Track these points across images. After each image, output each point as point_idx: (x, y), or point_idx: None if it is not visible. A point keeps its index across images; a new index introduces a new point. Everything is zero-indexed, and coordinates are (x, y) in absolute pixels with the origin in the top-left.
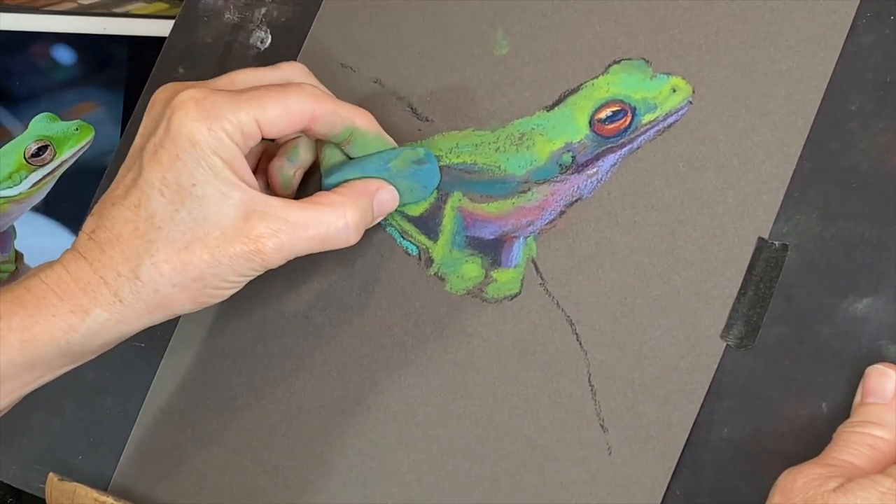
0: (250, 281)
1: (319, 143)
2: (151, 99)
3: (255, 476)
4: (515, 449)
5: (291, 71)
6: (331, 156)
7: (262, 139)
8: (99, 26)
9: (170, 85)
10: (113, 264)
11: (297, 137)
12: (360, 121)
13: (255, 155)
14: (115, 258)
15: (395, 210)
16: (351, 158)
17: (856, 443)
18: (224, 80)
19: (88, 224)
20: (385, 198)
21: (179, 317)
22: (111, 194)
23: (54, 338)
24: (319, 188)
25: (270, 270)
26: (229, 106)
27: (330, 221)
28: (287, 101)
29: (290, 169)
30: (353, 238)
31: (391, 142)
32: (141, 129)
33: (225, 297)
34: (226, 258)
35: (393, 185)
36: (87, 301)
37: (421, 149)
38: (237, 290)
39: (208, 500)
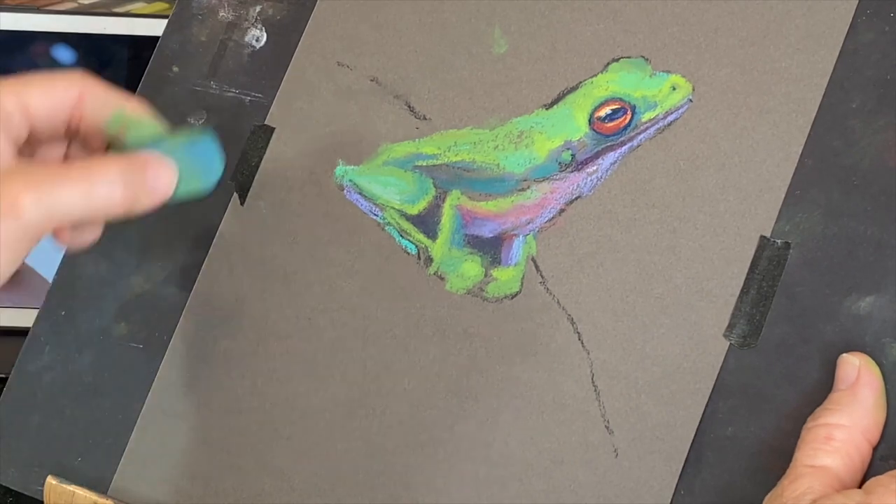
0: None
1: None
2: None
3: (259, 479)
4: (522, 452)
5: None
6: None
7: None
8: (99, 26)
9: None
10: None
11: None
12: (130, 104)
13: None
14: None
15: (394, 209)
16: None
17: (812, 440)
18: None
19: None
20: (158, 168)
21: (179, 320)
22: None
23: None
24: None
25: (270, 268)
26: None
27: (94, 172)
28: (51, 81)
29: None
30: (118, 194)
31: (165, 128)
32: None
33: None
34: None
35: None
36: None
37: (199, 130)
38: (7, 264)
39: None
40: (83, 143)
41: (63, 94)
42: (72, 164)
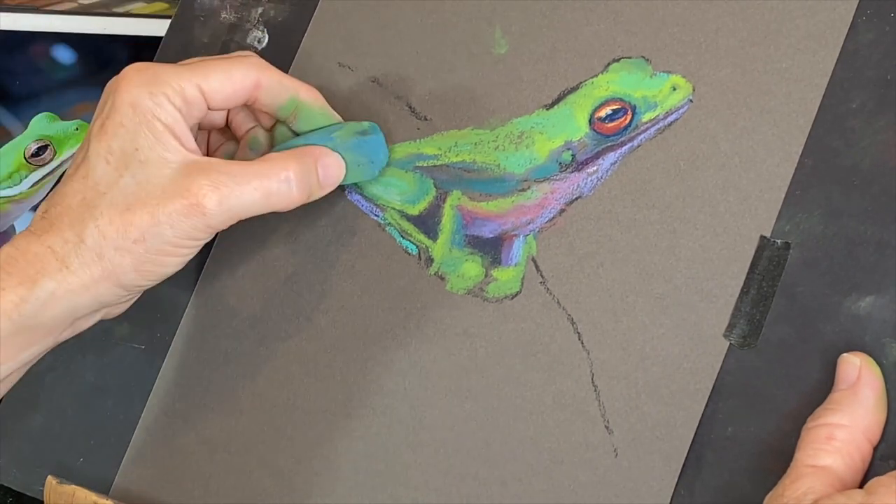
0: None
1: (272, 129)
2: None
3: (260, 479)
4: (522, 451)
5: (240, 54)
6: (280, 135)
7: (210, 110)
8: (99, 26)
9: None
10: (60, 233)
11: (255, 127)
12: (305, 93)
13: (203, 144)
14: (62, 228)
15: (395, 209)
16: (298, 135)
17: (813, 440)
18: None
19: (42, 206)
20: (329, 162)
21: (180, 321)
22: (65, 176)
23: (6, 311)
24: None
25: (271, 269)
26: (171, 73)
27: (271, 173)
28: (230, 68)
29: (253, 156)
30: (295, 193)
31: (337, 117)
32: (94, 116)
33: (173, 266)
34: (165, 215)
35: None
36: (35, 272)
37: (366, 122)
38: (184, 258)
39: None
40: (250, 113)
41: (241, 80)
42: (250, 165)
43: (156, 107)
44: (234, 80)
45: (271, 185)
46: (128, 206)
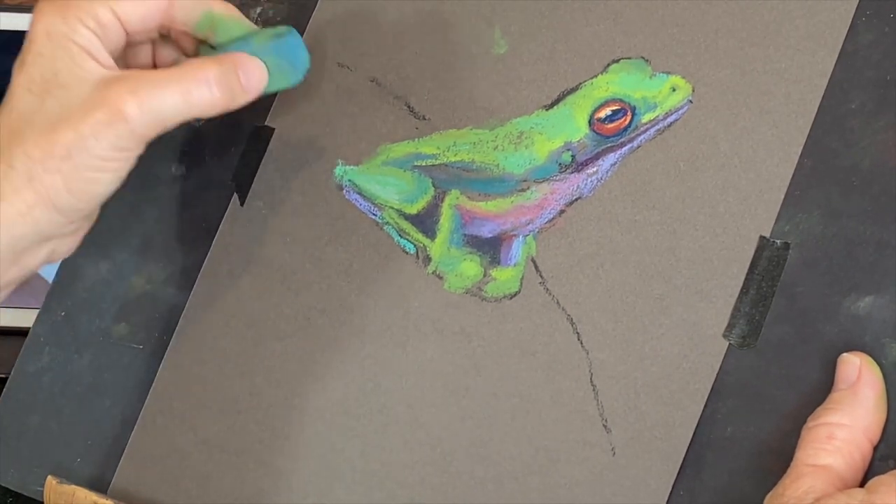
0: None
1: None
2: None
3: (258, 478)
4: (518, 450)
5: None
6: (203, 53)
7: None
8: None
9: None
10: None
11: (178, 56)
12: (218, 6)
13: None
14: None
15: (393, 208)
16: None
17: (814, 439)
18: None
19: None
20: (250, 67)
21: (178, 321)
22: None
23: None
24: None
25: (269, 269)
26: None
27: (190, 76)
28: None
29: None
30: (217, 95)
31: (254, 26)
32: None
33: (104, 185)
34: (88, 128)
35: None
36: None
37: (282, 27)
38: (115, 173)
39: (210, 503)
40: (173, 45)
41: (154, 0)
42: (169, 70)
43: (70, 31)
44: None
45: (191, 87)
46: (52, 127)
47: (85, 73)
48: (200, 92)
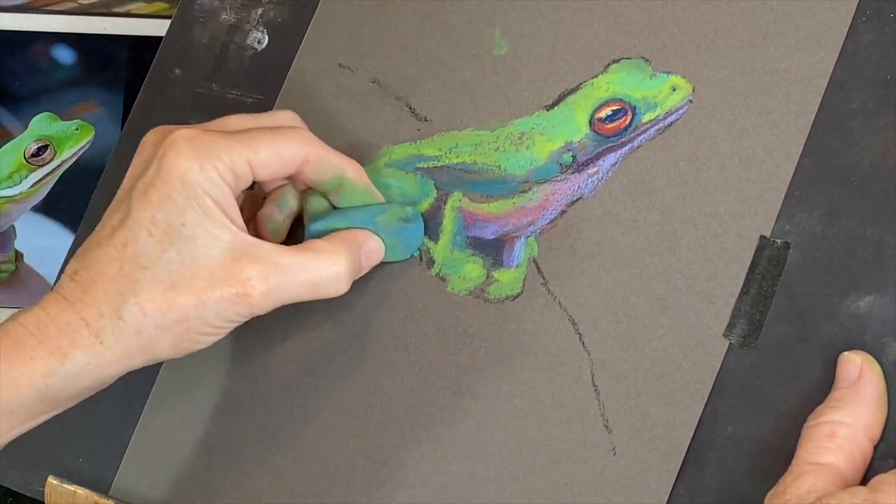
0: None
1: (304, 192)
2: (142, 141)
3: (259, 479)
4: (520, 450)
5: (284, 117)
6: (317, 203)
7: (253, 182)
8: (99, 26)
9: (160, 128)
10: (95, 304)
11: (285, 185)
12: (351, 171)
13: (240, 202)
14: (97, 298)
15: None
16: (336, 209)
17: (815, 437)
18: (217, 123)
19: (71, 266)
20: (373, 248)
21: None
22: (97, 235)
23: (33, 382)
24: (304, 238)
25: None
26: (222, 146)
27: (322, 267)
28: (280, 143)
29: (279, 216)
30: (343, 287)
31: (379, 196)
32: (130, 171)
33: (207, 344)
34: (212, 301)
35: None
36: (67, 343)
37: (409, 208)
38: (220, 337)
39: (210, 503)
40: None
41: (291, 157)
42: (300, 255)
43: (206, 182)
44: (283, 156)
45: (321, 279)
46: (171, 285)
47: (216, 231)
48: (328, 285)
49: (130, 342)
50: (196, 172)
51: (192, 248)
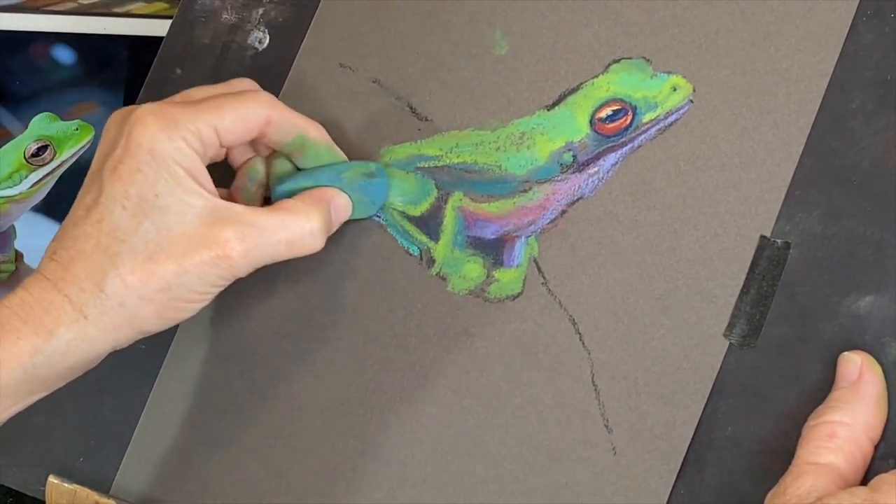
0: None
1: (268, 157)
2: (106, 124)
3: (259, 478)
4: (520, 450)
5: (242, 83)
6: (281, 166)
7: (226, 157)
8: (99, 26)
9: (122, 108)
10: (76, 280)
11: (253, 157)
12: (313, 130)
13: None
14: (78, 274)
15: (396, 210)
16: (300, 170)
17: (815, 437)
18: (179, 96)
19: (50, 247)
20: (341, 204)
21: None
22: (72, 216)
23: (20, 362)
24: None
25: (271, 269)
26: (187, 115)
27: (297, 225)
28: (243, 107)
29: (252, 186)
30: (319, 243)
31: (342, 154)
32: (97, 152)
33: (192, 313)
34: (192, 266)
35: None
36: (51, 321)
37: (373, 164)
38: (205, 303)
39: (211, 503)
40: (250, 145)
41: (254, 119)
42: (275, 214)
43: (175, 151)
44: (246, 119)
45: (296, 237)
46: (150, 255)
47: (188, 199)
48: (304, 242)
49: (114, 315)
50: (164, 143)
51: (167, 217)
